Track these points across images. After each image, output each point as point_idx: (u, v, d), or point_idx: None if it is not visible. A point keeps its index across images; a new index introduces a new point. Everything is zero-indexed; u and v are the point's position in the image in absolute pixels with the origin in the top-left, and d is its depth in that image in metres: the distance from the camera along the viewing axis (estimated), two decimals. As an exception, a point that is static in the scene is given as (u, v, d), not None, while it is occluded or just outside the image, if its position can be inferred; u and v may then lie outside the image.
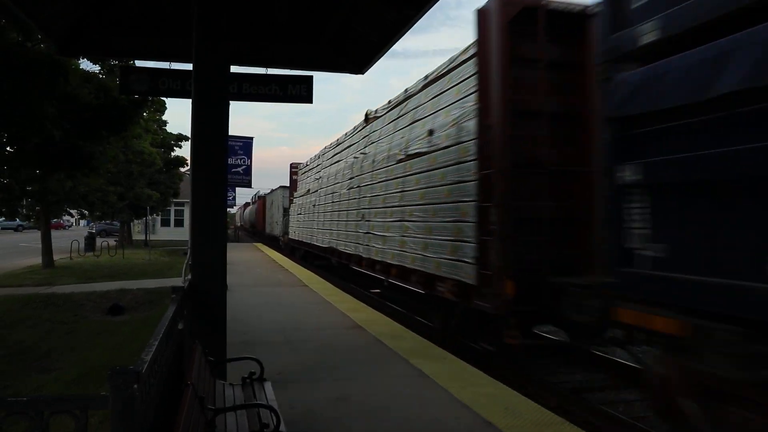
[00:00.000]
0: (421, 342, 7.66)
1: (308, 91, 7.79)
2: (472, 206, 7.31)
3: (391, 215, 10.55)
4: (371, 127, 13.10)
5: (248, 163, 37.19)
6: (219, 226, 5.24)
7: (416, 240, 9.16)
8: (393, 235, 10.35)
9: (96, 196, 25.00)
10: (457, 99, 8.07)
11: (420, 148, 9.26)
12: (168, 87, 7.62)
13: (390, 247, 10.51)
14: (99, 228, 47.18)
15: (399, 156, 10.31)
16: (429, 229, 8.70)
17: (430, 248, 8.58)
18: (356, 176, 13.52)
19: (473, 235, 7.23)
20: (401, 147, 10.25)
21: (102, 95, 12.75)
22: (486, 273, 6.91)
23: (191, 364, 3.22)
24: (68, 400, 2.31)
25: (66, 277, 16.91)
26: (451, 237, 7.90)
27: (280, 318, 9.47)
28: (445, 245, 8.08)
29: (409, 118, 10.22)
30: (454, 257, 7.77)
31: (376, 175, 11.77)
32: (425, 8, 5.99)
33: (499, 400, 5.20)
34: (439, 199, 8.36)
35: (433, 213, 8.58)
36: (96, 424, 4.31)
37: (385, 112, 11.99)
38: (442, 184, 8.27)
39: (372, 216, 11.87)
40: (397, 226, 10.17)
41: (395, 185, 10.43)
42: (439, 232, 8.31)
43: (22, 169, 15.87)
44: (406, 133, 10.24)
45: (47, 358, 7.90)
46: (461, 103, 7.90)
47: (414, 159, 9.53)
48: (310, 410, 4.88)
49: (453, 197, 7.91)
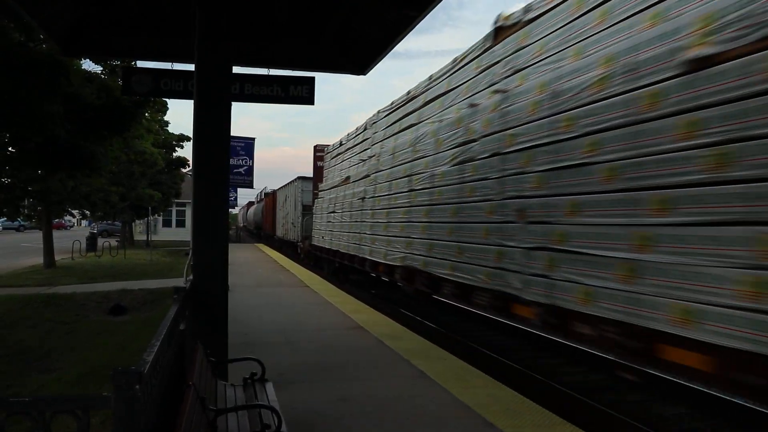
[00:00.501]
0: (422, 342, 7.66)
1: (310, 92, 7.80)
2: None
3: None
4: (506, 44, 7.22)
5: (250, 163, 37.29)
6: (220, 227, 5.24)
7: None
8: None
9: (98, 196, 25.04)
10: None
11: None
12: (170, 88, 7.64)
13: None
14: (101, 228, 47.27)
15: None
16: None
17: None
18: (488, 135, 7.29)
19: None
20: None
21: (104, 95, 12.78)
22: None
23: (193, 364, 3.23)
24: (70, 400, 2.32)
25: (67, 277, 16.92)
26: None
27: (281, 319, 9.47)
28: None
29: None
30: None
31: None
32: (427, 9, 5.98)
33: (501, 400, 5.20)
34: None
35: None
36: (97, 425, 4.31)
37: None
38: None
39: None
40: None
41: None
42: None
43: (23, 169, 15.90)
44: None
45: (48, 358, 7.90)
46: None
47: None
48: (311, 411, 4.88)
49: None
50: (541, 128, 6.12)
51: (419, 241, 9.38)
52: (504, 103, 6.96)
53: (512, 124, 6.71)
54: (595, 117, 5.24)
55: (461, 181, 7.97)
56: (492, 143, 7.16)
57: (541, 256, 5.98)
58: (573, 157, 5.55)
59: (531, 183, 6.29)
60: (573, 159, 5.55)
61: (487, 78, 7.60)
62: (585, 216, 5.35)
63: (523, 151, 6.44)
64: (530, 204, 6.26)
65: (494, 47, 7.49)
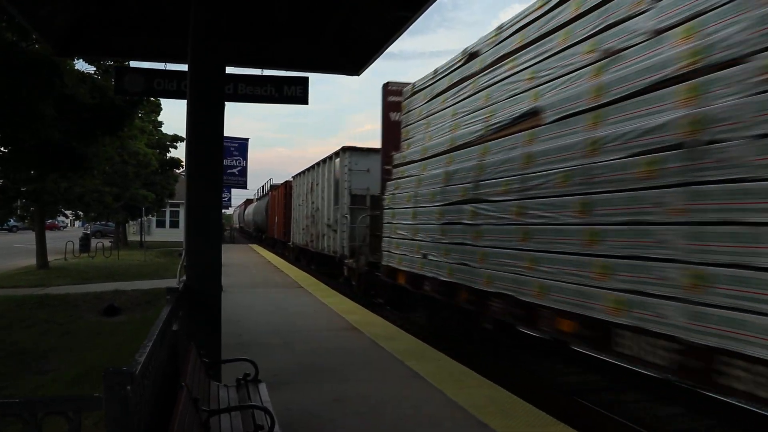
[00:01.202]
0: (416, 343, 7.66)
1: (304, 92, 7.80)
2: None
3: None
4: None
5: (244, 164, 37.20)
6: (214, 227, 5.24)
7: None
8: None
9: (92, 197, 24.95)
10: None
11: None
12: (163, 88, 7.62)
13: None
14: (94, 229, 47.07)
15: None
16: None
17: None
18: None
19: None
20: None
21: (98, 96, 12.74)
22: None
23: (186, 365, 3.22)
24: (62, 401, 2.31)
25: (61, 278, 16.86)
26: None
27: (275, 319, 9.45)
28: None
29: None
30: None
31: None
32: (420, 10, 5.99)
33: (495, 401, 5.20)
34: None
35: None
36: (90, 426, 4.30)
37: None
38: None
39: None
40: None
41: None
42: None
43: (17, 169, 15.84)
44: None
45: (43, 359, 7.88)
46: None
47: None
48: (305, 411, 4.87)
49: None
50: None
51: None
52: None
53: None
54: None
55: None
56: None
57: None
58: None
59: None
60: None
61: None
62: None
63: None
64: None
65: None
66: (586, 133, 5.38)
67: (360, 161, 14.79)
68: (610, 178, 5.01)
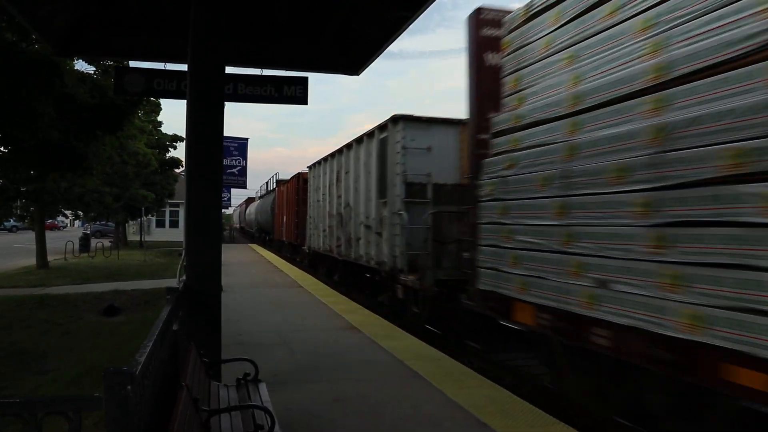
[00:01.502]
0: (416, 343, 7.65)
1: (303, 92, 7.79)
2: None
3: None
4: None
5: (243, 164, 37.23)
6: (214, 227, 5.25)
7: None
8: None
9: (92, 197, 24.94)
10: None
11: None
12: (163, 88, 7.60)
13: None
14: (94, 229, 47.01)
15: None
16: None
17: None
18: None
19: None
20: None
21: (97, 95, 12.73)
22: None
23: (186, 365, 3.22)
24: (62, 401, 2.30)
25: (60, 278, 16.84)
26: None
27: (275, 319, 9.45)
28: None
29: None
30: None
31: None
32: (420, 10, 5.99)
33: (495, 401, 5.20)
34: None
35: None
36: (90, 426, 4.29)
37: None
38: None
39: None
40: None
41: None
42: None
43: (17, 169, 15.83)
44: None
45: (43, 359, 7.87)
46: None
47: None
48: (305, 411, 4.87)
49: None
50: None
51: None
52: None
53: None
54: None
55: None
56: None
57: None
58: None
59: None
60: None
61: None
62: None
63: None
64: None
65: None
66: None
67: (418, 136, 10.53)
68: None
